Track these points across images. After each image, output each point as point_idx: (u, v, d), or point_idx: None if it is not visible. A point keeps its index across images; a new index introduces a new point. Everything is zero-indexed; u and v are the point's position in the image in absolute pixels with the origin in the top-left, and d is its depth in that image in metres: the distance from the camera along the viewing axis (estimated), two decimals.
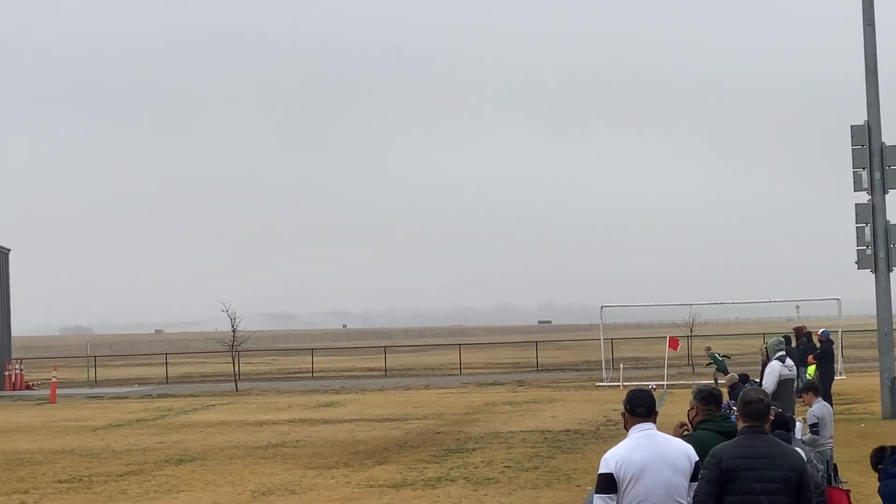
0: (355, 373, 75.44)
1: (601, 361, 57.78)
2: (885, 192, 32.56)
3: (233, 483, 22.78)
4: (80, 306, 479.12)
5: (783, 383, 21.72)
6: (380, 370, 75.87)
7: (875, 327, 34.08)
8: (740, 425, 8.83)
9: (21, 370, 68.41)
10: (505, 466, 24.11)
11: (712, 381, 48.31)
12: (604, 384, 51.75)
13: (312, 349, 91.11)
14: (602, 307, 57.71)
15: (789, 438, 13.34)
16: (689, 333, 65.36)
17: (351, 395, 50.45)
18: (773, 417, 10.73)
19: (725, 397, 19.96)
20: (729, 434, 9.68)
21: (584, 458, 25.02)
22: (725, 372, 48.33)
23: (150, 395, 55.43)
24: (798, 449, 10.68)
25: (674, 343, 52.79)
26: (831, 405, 21.59)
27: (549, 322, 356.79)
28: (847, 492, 13.74)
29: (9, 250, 70.01)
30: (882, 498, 12.10)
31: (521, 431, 31.62)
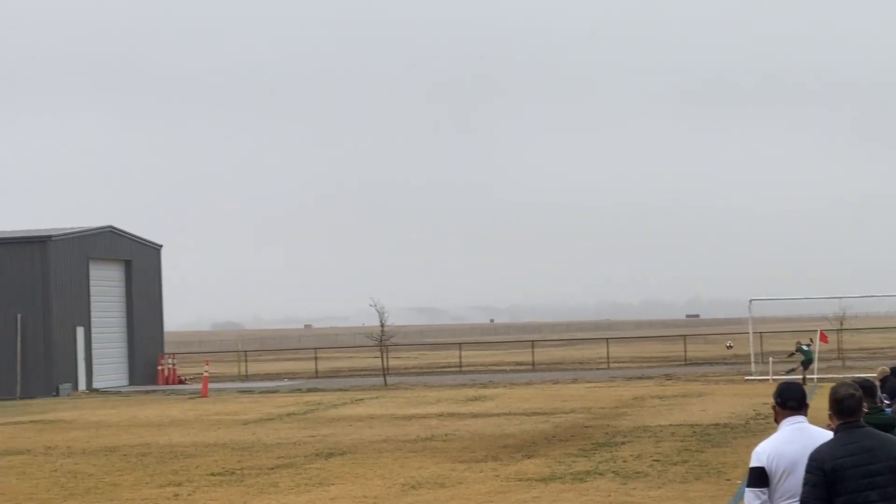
0: (503, 367, 75.50)
1: (750, 355, 57.13)
2: None
3: (382, 476, 22.92)
4: (231, 302, 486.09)
5: None
6: (527, 364, 75.83)
7: None
8: (835, 423, 8.60)
9: (174, 365, 69.56)
10: (654, 460, 23.95)
11: (795, 376, 47.91)
12: (753, 378, 51.17)
13: (460, 344, 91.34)
14: (751, 301, 57.09)
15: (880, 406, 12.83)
16: (839, 327, 64.33)
17: (499, 390, 50.50)
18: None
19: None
20: (884, 426, 9.49)
21: (734, 452, 24.76)
22: (806, 366, 47.97)
23: (299, 390, 56.01)
24: None
25: (824, 337, 52.09)
26: None
27: (697, 316, 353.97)
28: None
29: (161, 246, 71.24)
30: None
31: (670, 425, 31.39)
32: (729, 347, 63.96)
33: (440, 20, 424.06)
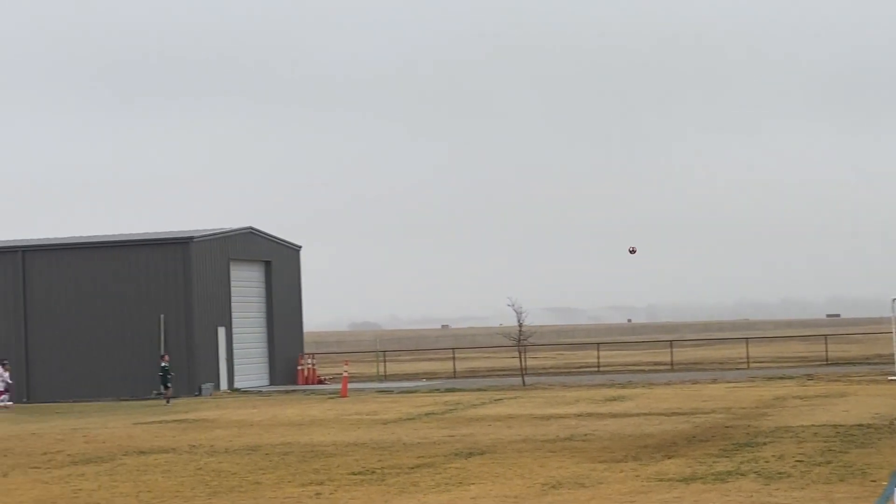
0: (641, 367, 75.09)
1: (894, 355, 56.17)
2: None
3: (522, 476, 22.94)
4: (369, 302, 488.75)
5: None
6: (666, 364, 75.36)
7: None
8: None
9: (313, 365, 70.21)
10: (796, 461, 23.68)
11: None
12: None
13: (598, 343, 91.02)
14: (893, 300, 56.11)
15: None
16: None
17: (637, 389, 50.25)
18: None
19: None
20: None
21: (879, 453, 24.38)
22: None
23: (438, 390, 56.21)
24: None
25: None
26: None
27: (838, 315, 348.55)
28: None
29: (300, 247, 71.94)
30: None
31: (812, 426, 31.00)
32: (632, 252, 60.47)
33: (585, 17, 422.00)
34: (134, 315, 61.12)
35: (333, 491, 21.59)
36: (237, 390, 62.10)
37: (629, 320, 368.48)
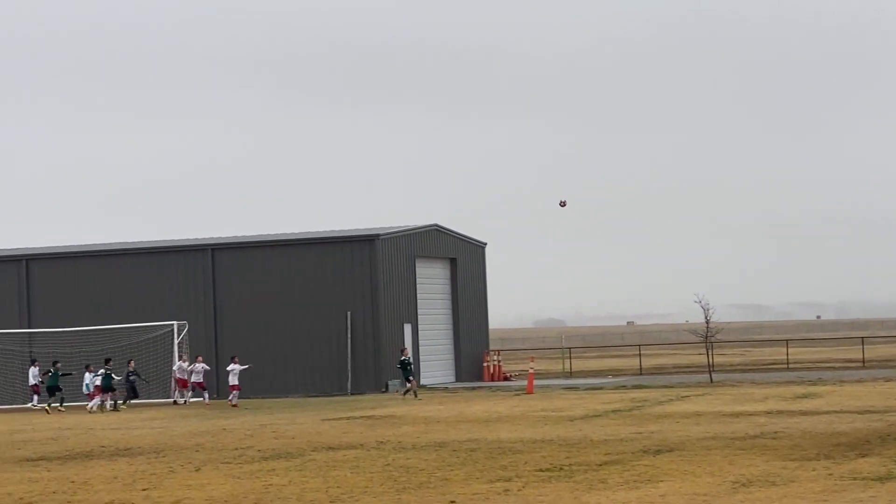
0: (832, 364, 73.74)
1: None
2: None
3: (711, 473, 22.63)
4: (553, 298, 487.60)
5: None
6: (857, 361, 73.88)
7: None
8: None
9: (499, 361, 70.33)
10: None
11: None
12: None
13: (787, 340, 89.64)
14: None
15: None
16: None
17: (828, 387, 49.33)
18: None
19: None
20: None
21: None
22: None
23: (624, 386, 55.87)
24: None
25: None
26: None
27: None
28: None
29: (485, 244, 72.11)
30: None
31: None
32: (562, 205, 57.97)
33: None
34: (321, 312, 61.86)
35: (521, 487, 21.54)
36: (423, 387, 62.42)
37: (818, 317, 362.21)
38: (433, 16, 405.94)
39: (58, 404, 55.08)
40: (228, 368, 55.50)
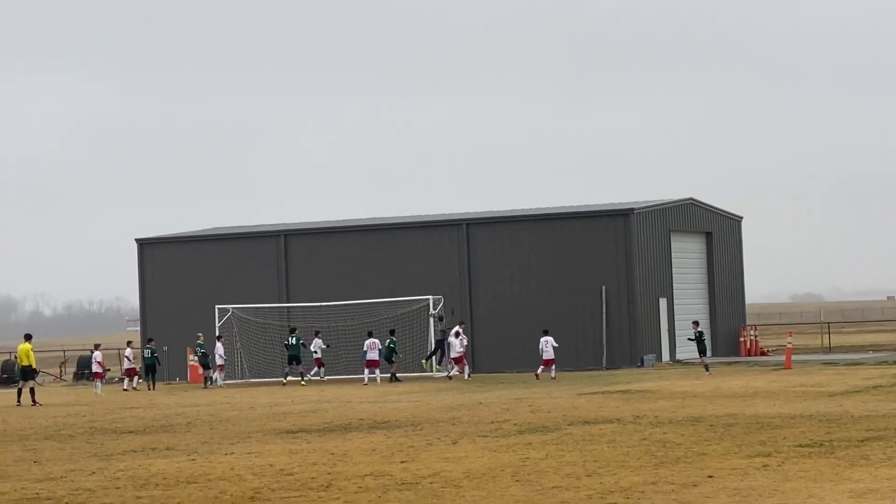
0: None
1: None
2: None
3: None
4: (810, 273, 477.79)
5: None
6: None
7: None
8: None
9: (756, 336, 69.46)
10: None
11: None
12: None
13: None
14: None
15: None
16: None
17: None
18: None
19: None
20: None
21: None
22: None
23: (885, 362, 54.58)
24: None
25: None
26: None
27: None
28: None
29: (741, 218, 71.18)
30: None
31: None
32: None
33: None
34: (576, 286, 61.92)
35: (781, 463, 21.21)
36: (679, 362, 62.02)
37: None
38: None
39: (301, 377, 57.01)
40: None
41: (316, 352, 58.65)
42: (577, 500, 17.88)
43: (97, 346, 60.01)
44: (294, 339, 58.02)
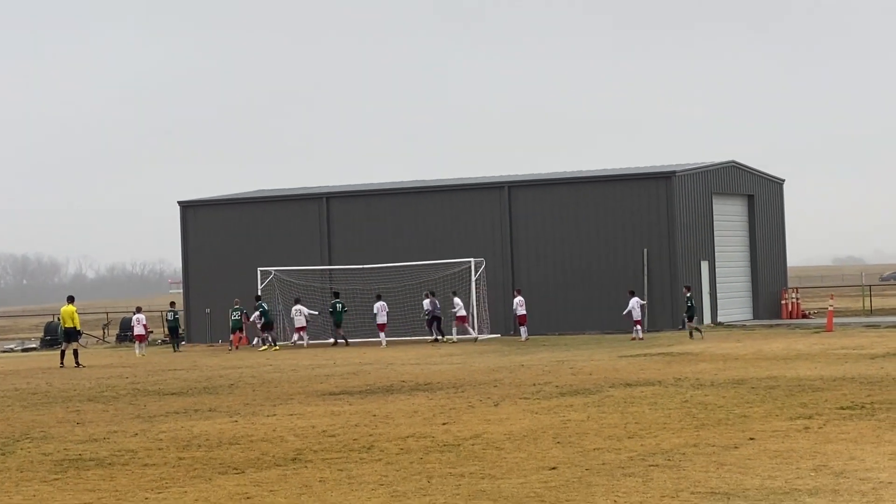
0: None
1: None
2: None
3: None
4: (852, 236, 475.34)
5: None
6: None
7: None
8: None
9: (797, 299, 69.31)
10: None
11: None
12: None
13: None
14: None
15: None
16: None
17: None
18: None
19: None
20: None
21: None
22: None
23: None
24: None
25: None
26: None
27: None
28: None
29: (783, 181, 70.86)
30: None
31: None
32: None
33: None
34: (617, 249, 61.87)
35: (822, 425, 21.22)
36: (720, 324, 61.93)
37: None
38: None
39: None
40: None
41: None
42: (618, 461, 17.95)
43: (139, 309, 60.34)
44: (339, 303, 59.07)
